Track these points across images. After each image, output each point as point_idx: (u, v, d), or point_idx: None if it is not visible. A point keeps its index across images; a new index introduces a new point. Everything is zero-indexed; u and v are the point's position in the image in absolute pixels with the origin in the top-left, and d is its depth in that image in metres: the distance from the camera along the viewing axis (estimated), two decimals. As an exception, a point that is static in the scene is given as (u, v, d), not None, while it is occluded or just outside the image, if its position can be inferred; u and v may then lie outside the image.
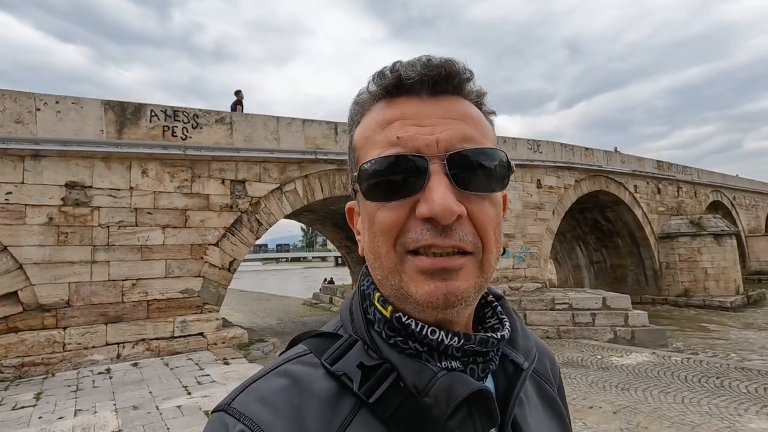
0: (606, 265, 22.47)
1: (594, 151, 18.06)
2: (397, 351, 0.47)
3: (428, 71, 0.45)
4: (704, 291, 19.39)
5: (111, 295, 7.13)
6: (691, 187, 24.16)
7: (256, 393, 0.44)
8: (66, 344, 6.65)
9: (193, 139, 8.08)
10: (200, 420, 4.18)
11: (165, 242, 7.70)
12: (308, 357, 0.48)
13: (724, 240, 20.03)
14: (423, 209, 0.43)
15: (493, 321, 0.54)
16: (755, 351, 10.40)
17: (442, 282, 0.43)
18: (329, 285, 20.41)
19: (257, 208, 8.79)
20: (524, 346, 0.54)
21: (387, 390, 0.44)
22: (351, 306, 0.53)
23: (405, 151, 0.45)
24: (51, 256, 6.85)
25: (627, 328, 10.32)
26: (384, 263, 0.46)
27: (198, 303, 7.85)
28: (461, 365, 0.47)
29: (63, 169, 6.99)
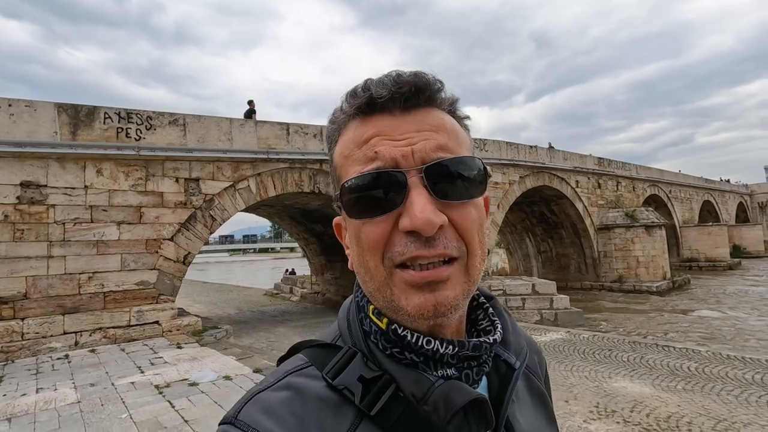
0: (552, 254, 24.17)
1: (538, 149, 19.45)
2: (395, 362, 0.48)
3: (398, 88, 0.47)
4: (635, 277, 21.30)
5: (68, 287, 7.60)
6: (629, 182, 26.18)
7: (261, 404, 0.45)
8: (24, 333, 7.12)
9: (147, 139, 8.54)
10: (150, 392, 4.89)
11: (120, 237, 8.19)
12: (310, 369, 0.49)
13: (654, 231, 22.02)
14: (405, 223, 0.44)
15: (485, 323, 0.55)
16: (665, 329, 11.98)
17: (431, 293, 0.44)
18: (290, 276, 21.03)
19: (211, 205, 9.37)
20: (515, 345, 0.55)
21: (387, 401, 0.45)
22: (348, 317, 0.54)
23: (383, 164, 0.46)
24: (7, 251, 7.24)
25: (551, 311, 11.64)
26: (374, 277, 0.46)
27: (153, 294, 8.41)
28: (456, 371, 0.48)
29: (18, 169, 7.35)
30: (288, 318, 13.20)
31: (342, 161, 0.50)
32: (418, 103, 0.48)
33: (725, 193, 43.59)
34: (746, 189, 51.02)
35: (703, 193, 37.77)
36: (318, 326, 11.48)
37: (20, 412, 4.39)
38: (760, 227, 41.22)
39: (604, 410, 5.18)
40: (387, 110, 0.48)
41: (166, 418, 4.08)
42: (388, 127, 0.47)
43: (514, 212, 23.80)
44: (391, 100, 0.47)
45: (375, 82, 0.48)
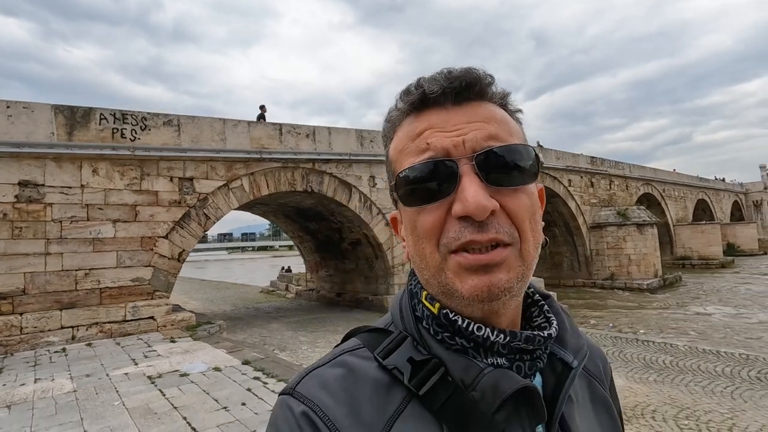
0: (546, 252, 24.44)
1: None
2: (445, 347, 0.49)
3: (450, 83, 0.49)
4: (627, 275, 21.58)
5: (65, 283, 7.84)
6: (623, 180, 26.46)
7: (318, 379, 0.48)
8: (23, 328, 7.36)
9: (141, 140, 8.78)
10: (143, 382, 5.15)
11: (116, 235, 8.43)
12: (362, 351, 0.51)
13: (645, 229, 22.29)
14: (457, 208, 0.45)
15: (540, 320, 0.55)
16: (654, 326, 12.26)
17: (485, 275, 0.45)
18: (286, 273, 21.28)
19: (205, 203, 9.61)
20: (574, 345, 0.55)
21: (436, 384, 0.46)
22: (401, 304, 0.55)
23: (435, 154, 0.47)
24: (5, 248, 7.48)
25: (539, 307, 11.88)
26: (430, 263, 0.48)
27: (149, 290, 8.66)
28: (508, 362, 0.49)
29: (16, 169, 7.58)
30: (282, 314, 13.46)
31: (396, 155, 0.52)
32: (469, 96, 0.50)
33: (720, 191, 43.89)
34: (741, 188, 51.33)
35: (698, 191, 38.06)
36: (311, 322, 11.73)
37: (19, 400, 4.64)
38: (754, 226, 41.56)
39: (575, 400, 5.45)
40: (439, 105, 0.50)
41: (156, 405, 4.33)
42: (440, 120, 0.49)
43: (508, 211, 24.12)
44: (443, 95, 0.49)
45: (427, 79, 0.50)
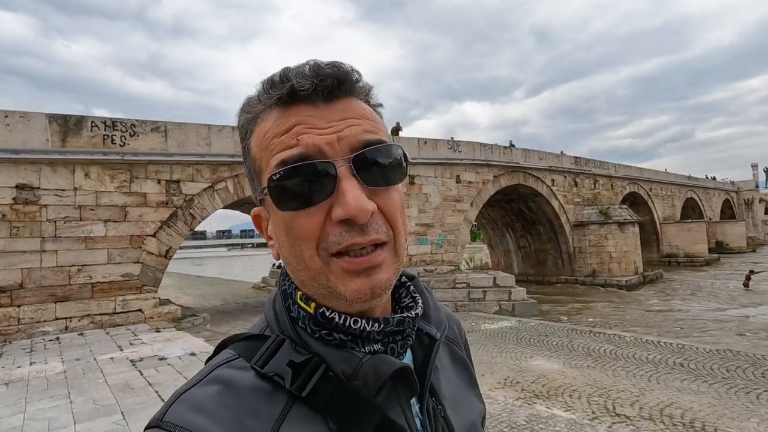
0: (531, 250, 25.11)
1: (513, 149, 20.33)
2: (324, 343, 0.49)
3: (321, 80, 0.47)
4: (608, 272, 22.22)
5: (59, 278, 8.53)
6: (607, 180, 27.05)
7: (189, 402, 0.44)
8: (20, 319, 8.06)
9: (131, 145, 9.44)
10: (126, 365, 5.83)
11: (107, 234, 9.11)
12: (237, 361, 0.49)
13: (626, 227, 22.92)
14: (338, 212, 0.45)
15: (407, 300, 0.58)
16: (620, 320, 12.96)
17: (367, 278, 0.46)
18: (277, 270, 22.00)
19: (191, 204, 10.29)
20: (436, 319, 0.59)
21: (318, 382, 0.46)
22: (274, 306, 0.54)
23: (305, 151, 0.46)
24: (4, 246, 8.16)
25: (509, 302, 12.59)
26: (309, 266, 0.47)
27: (137, 285, 9.35)
28: (383, 346, 0.51)
29: (13, 173, 8.26)
30: (268, 308, 14.15)
31: (261, 153, 0.49)
32: (340, 94, 0.49)
33: (710, 190, 44.44)
34: (733, 186, 51.88)
35: (686, 190, 38.63)
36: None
37: (16, 379, 5.33)
38: (742, 224, 42.17)
39: (510, 382, 6.13)
40: (309, 101, 0.48)
41: (134, 383, 5.02)
42: (312, 117, 0.47)
43: (495, 209, 24.76)
44: (314, 92, 0.47)
45: (294, 72, 0.48)
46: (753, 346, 9.43)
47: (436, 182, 16.27)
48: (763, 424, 4.45)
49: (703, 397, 5.31)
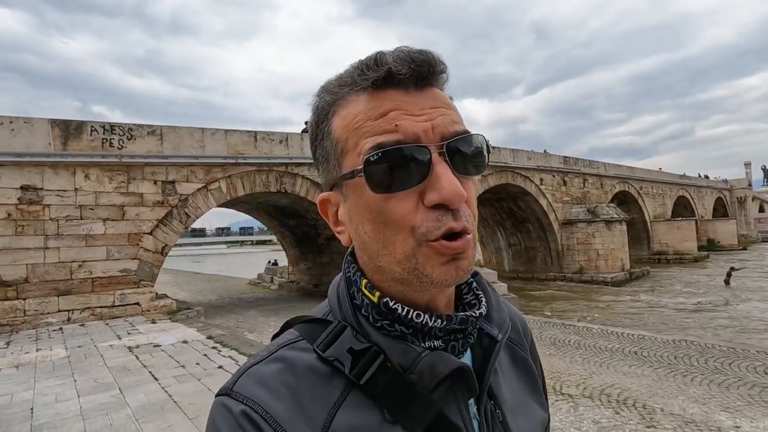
0: (521, 247, 25.67)
1: (501, 149, 20.88)
2: (383, 334, 0.50)
3: (417, 66, 0.48)
4: (595, 269, 22.79)
5: (61, 273, 9.11)
6: (597, 179, 27.58)
7: (255, 376, 0.47)
8: (26, 311, 8.63)
9: (128, 148, 9.99)
10: (123, 351, 6.41)
11: (106, 232, 9.68)
12: (301, 343, 0.51)
13: (613, 226, 23.48)
14: (434, 196, 0.45)
15: (469, 297, 0.57)
16: (600, 314, 13.56)
17: (454, 262, 0.47)
18: (272, 266, 22.58)
19: (186, 204, 10.85)
20: (498, 319, 0.57)
21: (375, 371, 0.47)
22: (338, 292, 0.55)
23: (404, 138, 0.46)
24: (10, 243, 8.73)
25: (491, 297, 13.17)
26: (398, 249, 0.47)
27: (135, 280, 9.92)
28: (443, 344, 0.50)
29: (18, 175, 8.82)
30: (261, 303, 14.75)
31: (349, 134, 0.49)
32: (430, 82, 0.50)
33: (702, 188, 44.95)
34: (726, 184, 52.37)
35: (677, 189, 39.13)
36: (285, 310, 13.00)
37: (24, 363, 5.91)
38: (733, 222, 42.71)
39: (474, 367, 6.72)
40: (402, 86, 0.48)
41: (130, 365, 5.60)
42: (406, 103, 0.48)
43: (485, 207, 25.31)
44: (410, 78, 0.48)
45: (392, 56, 0.48)
46: (713, 336, 10.03)
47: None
48: (686, 401, 5.04)
49: (643, 379, 5.89)
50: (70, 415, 3.94)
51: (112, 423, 3.76)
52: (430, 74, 0.50)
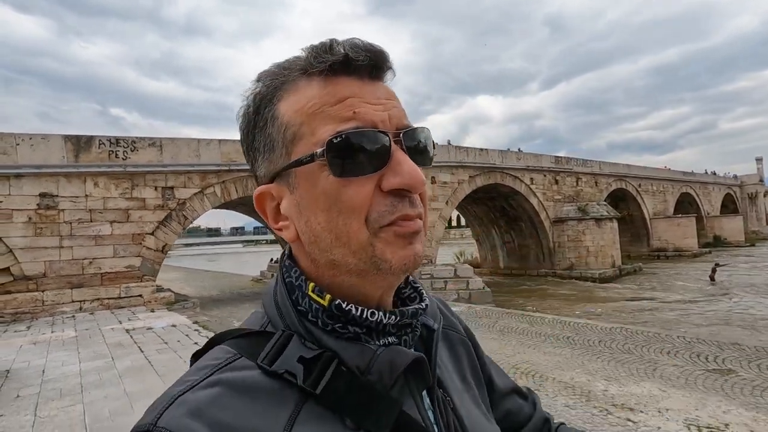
0: (515, 245, 26.42)
1: (489, 151, 21.72)
2: (335, 337, 0.47)
3: (373, 55, 0.47)
4: (585, 265, 23.42)
5: (74, 269, 10.47)
6: (591, 177, 28.09)
7: (187, 406, 0.40)
8: (44, 301, 10.01)
9: (131, 159, 11.31)
10: (121, 333, 7.65)
11: (113, 233, 11.01)
12: (239, 361, 0.45)
13: (604, 223, 24.05)
14: (394, 181, 0.45)
15: (408, 291, 0.57)
16: (576, 307, 14.39)
17: (411, 246, 0.46)
18: (274, 264, 23.90)
19: (183, 207, 12.13)
20: (431, 310, 0.57)
21: (331, 377, 0.44)
22: (276, 300, 0.51)
23: (362, 125, 0.45)
24: (31, 243, 10.11)
25: (467, 291, 14.13)
26: (353, 239, 0.45)
27: (138, 275, 11.24)
28: (396, 339, 0.50)
29: (37, 184, 10.20)
30: (257, 297, 15.99)
31: (303, 119, 0.47)
32: (380, 74, 0.50)
33: (708, 185, 44.65)
34: (736, 180, 51.71)
35: (681, 186, 39.07)
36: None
37: (41, 341, 7.20)
38: (740, 218, 42.38)
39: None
40: (356, 75, 0.48)
41: (125, 342, 6.83)
42: (362, 91, 0.47)
43: (479, 206, 26.17)
44: (366, 66, 0.47)
45: (347, 44, 0.47)
46: (662, 327, 10.82)
47: (411, 183, 17.80)
48: (579, 373, 5.97)
49: (557, 357, 6.83)
50: (71, 374, 5.16)
51: (101, 378, 4.95)
52: (384, 65, 0.49)
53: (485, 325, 9.73)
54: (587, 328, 8.97)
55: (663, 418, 4.44)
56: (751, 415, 4.46)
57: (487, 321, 10.16)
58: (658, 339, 7.80)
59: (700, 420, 4.37)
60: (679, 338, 7.84)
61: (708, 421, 4.34)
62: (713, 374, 5.75)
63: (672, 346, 7.29)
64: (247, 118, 0.51)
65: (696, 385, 5.34)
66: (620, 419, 4.46)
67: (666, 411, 4.61)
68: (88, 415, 3.87)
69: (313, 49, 0.48)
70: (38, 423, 3.76)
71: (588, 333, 8.52)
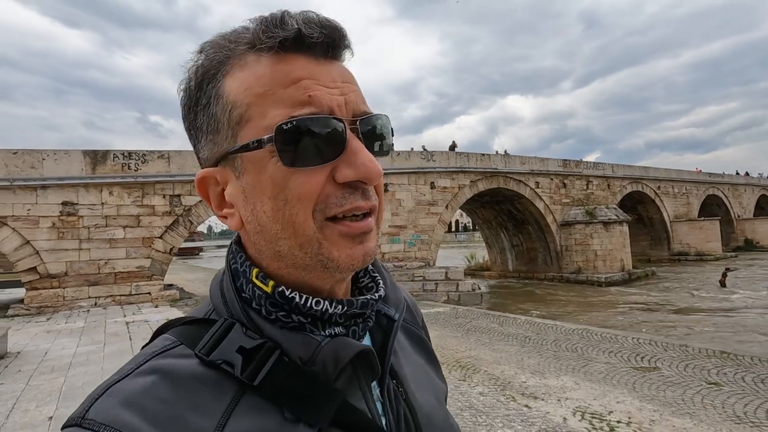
0: (523, 248, 26.52)
1: (491, 156, 22.05)
2: (279, 326, 0.46)
3: (330, 32, 0.44)
4: (593, 269, 23.29)
5: (91, 269, 11.80)
6: (603, 180, 27.75)
7: (119, 396, 0.39)
8: (65, 297, 11.38)
9: (142, 170, 12.59)
10: (122, 324, 8.76)
11: (125, 236, 12.31)
12: (178, 349, 0.44)
13: (612, 227, 23.84)
14: (349, 172, 0.43)
15: (366, 280, 0.56)
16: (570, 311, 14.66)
17: (361, 245, 0.45)
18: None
19: (189, 213, 13.32)
20: (394, 299, 0.57)
21: (272, 368, 0.43)
22: (221, 287, 0.50)
23: (318, 111, 0.43)
24: (54, 245, 11.51)
25: (456, 293, 14.64)
26: (299, 231, 0.43)
27: (148, 274, 12.48)
28: (344, 329, 0.48)
29: (60, 194, 11.61)
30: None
31: (252, 100, 0.43)
32: (337, 54, 0.47)
33: (739, 186, 42.80)
34: (771, 181, 49.20)
35: (706, 187, 37.71)
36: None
37: (53, 330, 8.40)
38: (774, 220, 40.42)
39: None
40: (311, 53, 0.44)
41: (120, 331, 7.90)
42: (317, 72, 0.44)
43: (486, 209, 26.46)
44: (321, 44, 0.44)
45: (300, 18, 0.43)
46: (635, 331, 11.01)
47: (410, 188, 18.42)
48: (512, 368, 6.51)
49: (501, 354, 7.35)
50: (66, 356, 6.21)
51: (88, 359, 5.97)
52: (341, 43, 0.46)
53: (457, 324, 10.28)
54: (550, 328, 9.36)
55: (557, 406, 4.98)
56: (639, 405, 4.94)
57: (462, 321, 10.68)
58: (610, 340, 8.15)
59: (590, 408, 4.89)
60: (633, 339, 8.16)
61: (596, 409, 4.85)
62: (636, 371, 6.18)
63: (620, 346, 7.66)
64: (188, 94, 0.47)
65: (611, 380, 5.81)
66: (519, 405, 5.03)
67: (565, 400, 5.14)
68: (66, 385, 4.84)
69: (262, 21, 0.44)
70: (27, 389, 4.76)
71: (548, 333, 8.93)
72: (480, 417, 4.64)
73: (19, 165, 11.27)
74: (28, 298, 11.03)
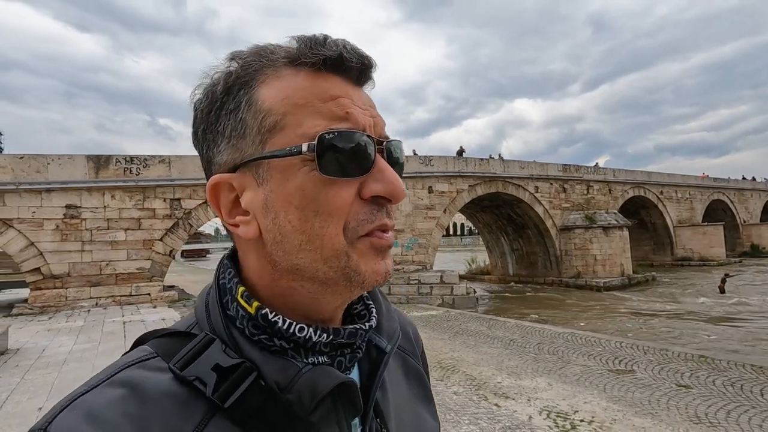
0: (523, 252, 26.59)
1: (490, 160, 22.22)
2: (260, 348, 0.44)
3: (364, 60, 0.47)
4: (593, 274, 23.31)
5: (93, 270, 12.17)
6: (604, 185, 27.74)
7: (84, 408, 0.38)
8: (67, 297, 11.74)
9: (143, 174, 12.96)
10: (119, 323, 9.07)
11: (126, 239, 12.67)
12: (153, 361, 0.43)
13: (612, 231, 23.84)
14: (378, 187, 0.44)
15: (359, 307, 0.54)
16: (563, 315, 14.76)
17: (384, 260, 0.45)
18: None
19: (189, 216, 13.66)
20: (388, 329, 0.54)
21: (246, 391, 0.40)
22: (207, 301, 0.49)
23: (355, 127, 0.44)
24: (58, 247, 11.89)
25: (451, 296, 14.80)
26: (327, 244, 0.43)
27: (148, 276, 12.82)
28: (329, 359, 0.46)
29: (63, 197, 12.00)
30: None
31: (289, 109, 0.44)
32: (368, 79, 0.49)
33: (745, 191, 42.44)
34: (780, 186, 48.65)
35: (711, 192, 37.47)
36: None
37: (54, 329, 8.73)
38: (781, 226, 40.02)
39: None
40: (347, 75, 0.46)
41: (116, 331, 8.20)
42: (351, 93, 0.46)
43: (486, 213, 26.60)
44: (355, 69, 0.46)
45: (340, 42, 0.46)
46: (623, 336, 11.10)
47: (408, 192, 18.66)
48: (490, 369, 6.68)
49: (482, 355, 7.53)
50: (62, 353, 6.51)
51: (82, 356, 6.26)
52: (371, 72, 0.49)
53: (447, 327, 10.46)
54: (537, 332, 9.50)
55: (526, 405, 5.17)
56: (606, 405, 5.11)
57: (452, 324, 10.86)
58: (593, 343, 8.28)
59: (557, 408, 5.06)
60: (616, 343, 8.29)
61: (563, 409, 5.03)
62: (611, 374, 6.33)
63: (601, 349, 7.80)
64: (212, 97, 0.46)
65: (584, 382, 5.97)
66: (489, 404, 5.22)
67: (535, 400, 5.32)
68: (59, 380, 5.13)
69: (306, 40, 0.46)
70: (22, 383, 5.05)
71: (534, 336, 9.08)
72: (449, 414, 4.83)
73: (24, 169, 11.70)
74: (31, 298, 11.42)
